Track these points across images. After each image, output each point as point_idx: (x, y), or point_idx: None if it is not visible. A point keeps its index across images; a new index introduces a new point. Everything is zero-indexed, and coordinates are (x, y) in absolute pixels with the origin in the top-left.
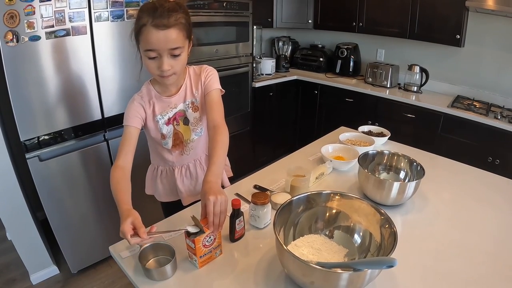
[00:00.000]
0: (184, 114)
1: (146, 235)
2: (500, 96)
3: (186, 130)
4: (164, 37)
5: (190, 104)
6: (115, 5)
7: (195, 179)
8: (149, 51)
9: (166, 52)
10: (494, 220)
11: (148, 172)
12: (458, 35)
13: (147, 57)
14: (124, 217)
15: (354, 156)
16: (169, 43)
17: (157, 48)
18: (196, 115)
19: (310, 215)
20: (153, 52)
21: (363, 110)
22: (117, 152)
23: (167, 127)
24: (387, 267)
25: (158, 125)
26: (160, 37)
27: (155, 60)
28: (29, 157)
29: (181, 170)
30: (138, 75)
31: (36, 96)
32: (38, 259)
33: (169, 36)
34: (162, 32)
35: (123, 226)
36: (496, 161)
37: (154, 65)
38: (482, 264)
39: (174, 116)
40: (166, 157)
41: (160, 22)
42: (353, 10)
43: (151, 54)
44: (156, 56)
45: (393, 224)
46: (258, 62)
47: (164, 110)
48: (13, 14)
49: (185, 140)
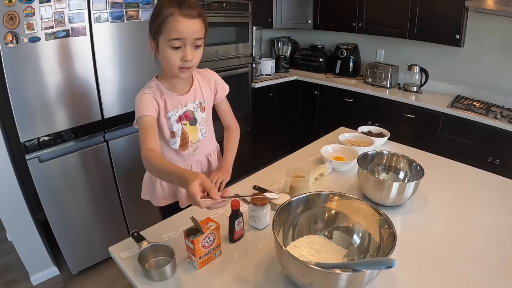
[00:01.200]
0: (192, 114)
1: (219, 196)
2: (500, 96)
3: (193, 130)
4: (192, 26)
5: (198, 104)
6: (114, 6)
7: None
8: (175, 40)
9: (190, 42)
10: (493, 220)
11: (145, 177)
12: (457, 35)
13: (171, 47)
14: (191, 178)
15: (353, 156)
16: (196, 33)
17: (184, 37)
18: (203, 115)
19: (309, 215)
20: (179, 41)
21: (363, 110)
22: (141, 142)
23: (177, 125)
24: (386, 267)
25: (170, 122)
26: (188, 25)
27: (178, 51)
28: (29, 158)
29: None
30: (141, 73)
31: (36, 97)
32: (38, 260)
33: (196, 25)
34: (191, 21)
35: (191, 187)
36: (496, 161)
37: (177, 56)
38: (482, 264)
39: (184, 114)
40: (170, 158)
41: (188, 12)
42: (352, 10)
43: (176, 44)
44: (179, 46)
45: (392, 224)
46: (257, 63)
47: (175, 107)
48: (12, 15)
49: (191, 141)
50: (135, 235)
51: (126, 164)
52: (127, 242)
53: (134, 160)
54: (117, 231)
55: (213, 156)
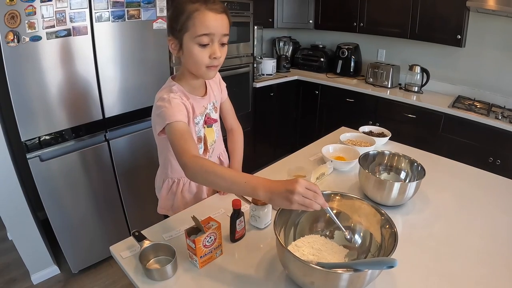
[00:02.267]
0: (210, 116)
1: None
2: (501, 96)
3: (211, 132)
4: (220, 21)
5: (213, 105)
6: (116, 6)
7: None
8: (203, 36)
9: (218, 38)
10: (494, 220)
11: (163, 190)
12: (459, 35)
13: (198, 44)
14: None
15: (354, 156)
16: (224, 28)
17: (214, 32)
18: (217, 116)
19: (310, 215)
20: (207, 37)
21: (364, 110)
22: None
23: (202, 129)
24: (388, 267)
25: (198, 127)
26: (217, 20)
27: (206, 48)
28: (30, 157)
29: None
30: (142, 72)
31: (37, 96)
32: (39, 259)
33: (224, 20)
34: (219, 16)
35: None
36: (497, 161)
37: (205, 53)
38: (483, 265)
39: (206, 118)
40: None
41: (214, 6)
42: (354, 10)
43: (204, 40)
44: (207, 44)
45: (394, 224)
46: (259, 62)
47: (201, 111)
48: (14, 14)
49: (209, 143)
50: (136, 234)
51: (127, 163)
52: (128, 241)
53: (135, 160)
54: (118, 230)
55: (224, 155)
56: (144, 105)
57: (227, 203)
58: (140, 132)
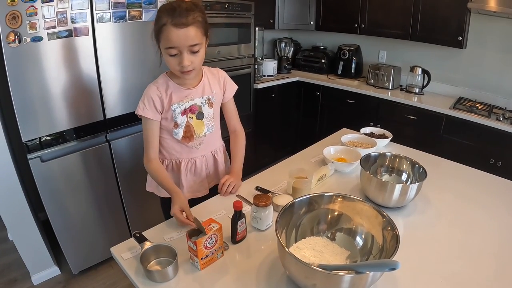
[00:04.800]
0: (199, 108)
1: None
2: (502, 98)
3: (199, 124)
4: (184, 35)
5: (206, 100)
6: (117, 6)
7: (198, 175)
8: (170, 48)
9: (186, 49)
10: (496, 222)
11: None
12: (460, 36)
13: (168, 55)
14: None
15: (356, 158)
16: (188, 40)
17: (178, 46)
18: (211, 111)
19: (312, 217)
20: (174, 50)
21: (365, 111)
22: (144, 145)
23: (181, 117)
24: (390, 269)
25: (174, 114)
26: (180, 35)
27: (176, 57)
28: (30, 157)
29: (188, 164)
30: (144, 73)
31: (38, 97)
32: (39, 259)
33: (188, 34)
34: (182, 31)
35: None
36: (498, 163)
37: (175, 62)
38: (485, 266)
39: (189, 108)
40: (174, 148)
41: (179, 21)
42: (355, 11)
43: (172, 52)
44: (176, 53)
45: (395, 226)
46: (260, 64)
47: (181, 100)
48: (15, 15)
49: (196, 134)
50: (137, 235)
51: (128, 164)
52: (129, 243)
53: (136, 161)
54: (119, 231)
55: (219, 154)
56: None
57: (228, 204)
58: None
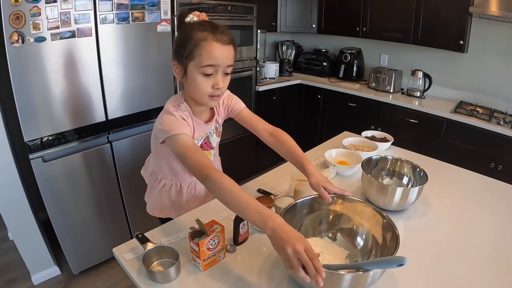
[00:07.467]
0: (208, 140)
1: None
2: (503, 102)
3: (208, 154)
4: (226, 52)
5: (214, 129)
6: (120, 8)
7: (198, 197)
8: (207, 66)
9: (222, 69)
10: (496, 225)
11: (155, 195)
12: (461, 40)
13: (203, 74)
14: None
15: (357, 161)
16: (229, 59)
17: (219, 63)
18: (218, 140)
19: (313, 218)
20: (212, 68)
21: (366, 115)
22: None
23: None
24: (398, 265)
25: None
26: (224, 51)
27: (209, 78)
28: (32, 157)
29: (188, 187)
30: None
31: (40, 97)
32: (39, 259)
33: (230, 52)
34: (226, 47)
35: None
36: (499, 167)
37: (208, 83)
38: (484, 270)
39: (202, 144)
40: (179, 173)
41: (222, 37)
42: (356, 15)
43: (208, 70)
44: (211, 74)
45: (395, 227)
46: (261, 66)
47: (200, 135)
48: (19, 15)
49: None
50: (139, 236)
51: (130, 165)
52: (131, 244)
53: (138, 162)
54: (119, 232)
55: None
56: (147, 107)
57: None
58: (143, 134)
